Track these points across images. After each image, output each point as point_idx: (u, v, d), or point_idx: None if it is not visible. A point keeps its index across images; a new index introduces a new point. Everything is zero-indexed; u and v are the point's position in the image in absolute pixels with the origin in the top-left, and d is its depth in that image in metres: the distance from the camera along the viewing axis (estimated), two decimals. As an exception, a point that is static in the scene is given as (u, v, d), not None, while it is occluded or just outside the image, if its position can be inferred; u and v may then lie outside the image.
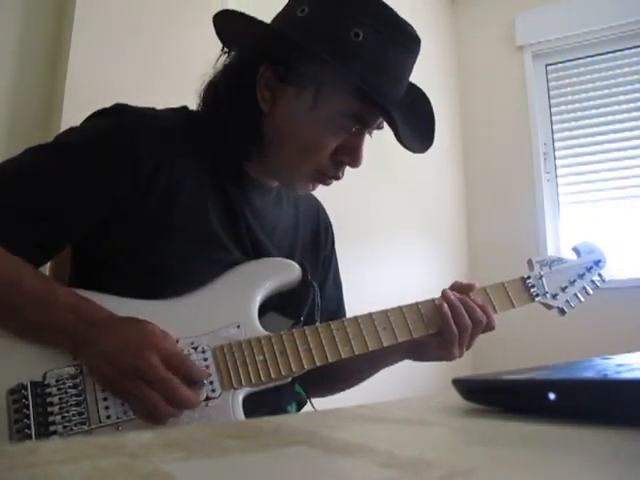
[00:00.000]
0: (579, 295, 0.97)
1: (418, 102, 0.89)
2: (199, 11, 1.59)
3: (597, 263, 0.99)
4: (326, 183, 0.85)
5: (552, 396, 0.31)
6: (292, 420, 0.35)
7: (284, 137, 0.81)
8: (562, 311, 0.96)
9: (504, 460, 0.23)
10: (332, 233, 1.05)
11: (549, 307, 0.96)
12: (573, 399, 0.31)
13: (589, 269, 0.99)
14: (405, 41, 0.79)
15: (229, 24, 0.80)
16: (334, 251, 1.05)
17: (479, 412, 0.35)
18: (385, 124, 0.82)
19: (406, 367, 1.02)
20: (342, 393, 1.04)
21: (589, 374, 0.37)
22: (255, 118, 0.81)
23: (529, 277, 0.94)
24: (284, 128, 0.80)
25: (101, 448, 0.25)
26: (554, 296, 0.95)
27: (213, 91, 0.84)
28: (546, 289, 0.95)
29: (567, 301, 0.96)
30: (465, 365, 2.64)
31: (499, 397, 0.35)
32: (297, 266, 0.85)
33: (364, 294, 1.09)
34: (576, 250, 1.01)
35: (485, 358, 2.60)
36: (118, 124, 0.77)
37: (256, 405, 0.75)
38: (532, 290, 0.94)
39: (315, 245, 0.99)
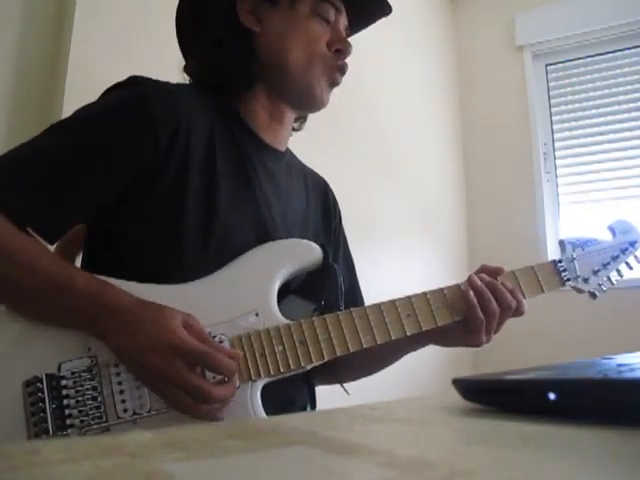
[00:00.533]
0: (612, 278, 0.93)
1: None
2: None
3: (633, 244, 0.94)
4: (337, 80, 0.90)
5: (552, 396, 0.31)
6: (292, 420, 0.35)
7: (281, 44, 0.87)
8: (593, 295, 0.92)
9: (504, 460, 0.23)
10: (339, 210, 1.05)
11: (580, 291, 0.92)
12: (573, 399, 0.31)
13: (624, 251, 0.93)
14: None
15: None
16: (342, 227, 1.05)
17: (479, 412, 0.35)
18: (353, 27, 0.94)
19: (406, 367, 1.02)
20: (343, 393, 1.04)
21: (589, 374, 0.37)
22: (248, 39, 0.87)
23: (560, 260, 0.91)
24: (277, 35, 0.87)
25: (101, 448, 0.25)
26: (586, 280, 0.91)
27: (201, 46, 0.90)
28: (578, 273, 0.90)
29: (599, 285, 0.92)
30: (465, 365, 2.64)
31: (499, 397, 0.35)
32: (318, 248, 0.83)
33: (364, 294, 1.09)
34: (611, 229, 0.95)
35: (486, 357, 2.60)
36: (134, 93, 0.78)
37: (269, 397, 0.74)
38: (563, 274, 0.90)
39: (326, 215, 1.00)
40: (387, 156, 2.48)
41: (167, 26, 1.58)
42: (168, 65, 1.54)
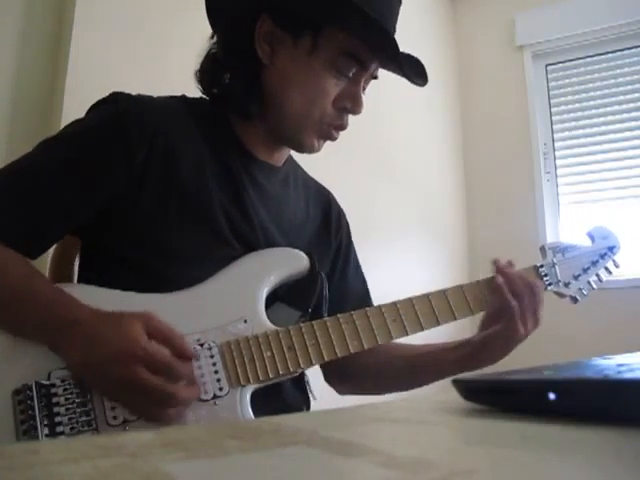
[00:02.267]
0: (592, 283, 0.95)
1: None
2: (201, 10, 1.58)
3: (611, 249, 0.96)
4: (332, 137, 0.86)
5: (552, 396, 0.30)
6: (292, 420, 0.35)
7: (286, 88, 0.82)
8: (574, 299, 0.94)
9: (504, 460, 0.23)
10: (346, 223, 1.04)
11: (561, 295, 0.94)
12: (573, 399, 0.31)
13: (603, 256, 0.96)
14: None
15: None
16: (351, 242, 1.04)
17: (479, 412, 0.35)
18: (379, 73, 0.86)
19: (406, 367, 1.02)
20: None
21: (589, 374, 0.37)
22: (255, 71, 0.82)
23: (542, 266, 0.93)
24: (285, 78, 0.82)
25: (101, 448, 0.25)
26: (566, 284, 0.93)
27: (212, 58, 0.86)
28: (559, 277, 0.93)
29: (580, 289, 0.94)
30: (465, 365, 2.63)
31: (499, 397, 0.35)
32: (305, 256, 0.83)
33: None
34: (590, 236, 0.98)
35: (485, 358, 2.59)
36: (112, 113, 0.78)
37: (262, 402, 0.75)
38: (545, 279, 0.92)
39: (326, 231, 0.98)
40: (387, 156, 2.48)
41: (167, 26, 1.58)
42: (168, 65, 1.54)
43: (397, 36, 0.83)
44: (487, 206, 2.93)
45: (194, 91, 0.88)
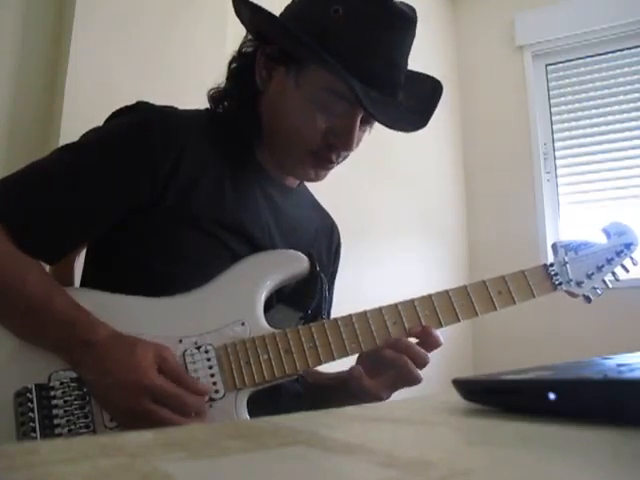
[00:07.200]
0: (607, 281, 0.92)
1: (420, 84, 0.90)
2: (199, 11, 1.59)
3: (628, 246, 0.92)
4: (325, 167, 0.85)
5: (552, 396, 0.30)
6: (292, 420, 0.35)
7: (277, 117, 0.84)
8: (588, 298, 0.91)
9: (504, 460, 0.23)
10: (340, 254, 1.05)
11: (573, 295, 0.91)
12: (573, 399, 0.31)
13: (619, 253, 0.91)
14: (390, 18, 0.78)
15: (240, 13, 0.85)
16: (337, 272, 1.06)
17: (479, 412, 0.35)
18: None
19: (406, 367, 1.02)
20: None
21: (589, 374, 0.37)
22: (252, 96, 0.85)
23: (552, 264, 0.89)
24: (276, 107, 0.83)
25: (101, 448, 0.25)
26: (579, 284, 0.90)
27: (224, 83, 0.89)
28: (570, 277, 0.89)
29: (594, 288, 0.91)
30: (465, 365, 2.64)
31: (499, 397, 0.35)
32: (305, 257, 0.83)
33: (362, 294, 1.09)
34: (606, 232, 0.93)
35: (485, 358, 2.60)
36: (136, 123, 0.78)
37: (258, 406, 0.75)
38: (555, 278, 0.88)
39: (328, 255, 1.00)
40: (387, 155, 2.48)
41: (166, 26, 1.58)
42: (168, 65, 1.54)
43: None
44: (487, 206, 2.93)
45: (193, 91, 0.88)
